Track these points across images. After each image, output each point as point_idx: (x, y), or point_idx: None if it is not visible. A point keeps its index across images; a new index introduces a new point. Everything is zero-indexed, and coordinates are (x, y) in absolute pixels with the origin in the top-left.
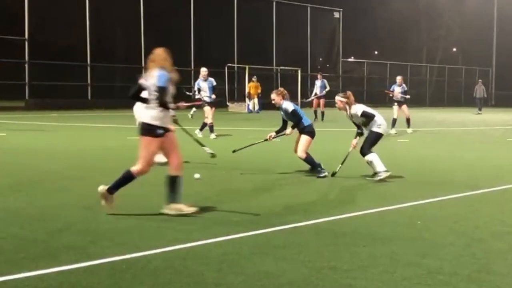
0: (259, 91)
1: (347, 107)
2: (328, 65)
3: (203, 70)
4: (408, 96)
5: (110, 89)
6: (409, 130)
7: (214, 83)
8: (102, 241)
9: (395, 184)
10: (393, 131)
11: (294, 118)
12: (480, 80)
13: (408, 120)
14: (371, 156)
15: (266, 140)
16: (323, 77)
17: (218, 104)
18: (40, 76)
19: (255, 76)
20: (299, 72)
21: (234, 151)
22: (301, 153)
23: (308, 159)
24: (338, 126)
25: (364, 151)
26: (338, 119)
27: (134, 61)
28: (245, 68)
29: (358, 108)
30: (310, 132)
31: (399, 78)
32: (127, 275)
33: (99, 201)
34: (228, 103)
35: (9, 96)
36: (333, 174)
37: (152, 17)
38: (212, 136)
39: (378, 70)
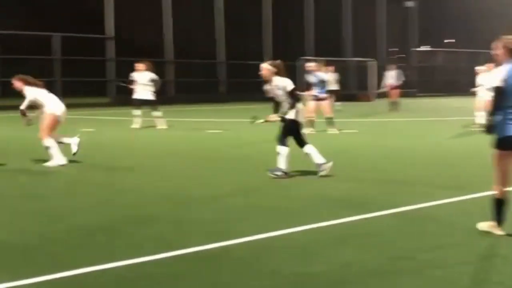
0: None
1: (273, 77)
2: (402, 55)
3: (309, 65)
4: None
5: (191, 84)
6: None
7: (324, 78)
8: (187, 231)
9: (469, 173)
10: None
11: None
12: None
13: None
14: (283, 150)
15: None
16: (398, 67)
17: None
18: (125, 73)
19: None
20: (375, 63)
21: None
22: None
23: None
24: (415, 116)
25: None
26: (414, 109)
27: (213, 57)
28: (318, 60)
29: (288, 83)
30: None
31: (486, 66)
32: (211, 264)
33: (183, 192)
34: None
35: (94, 93)
36: None
37: (230, 10)
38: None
39: (453, 58)
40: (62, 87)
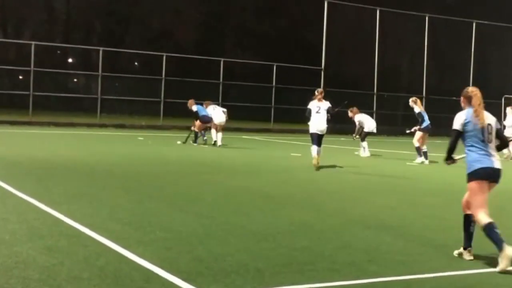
0: None
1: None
2: None
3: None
4: None
5: (394, 117)
6: None
7: (416, 111)
8: (380, 260)
9: None
10: None
11: None
12: None
13: None
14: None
15: None
16: None
17: None
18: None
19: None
20: None
21: None
22: None
23: None
24: None
25: None
26: None
27: (417, 91)
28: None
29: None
30: None
31: None
32: None
33: (382, 222)
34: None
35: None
36: None
37: (435, 47)
38: None
39: None
40: (274, 114)
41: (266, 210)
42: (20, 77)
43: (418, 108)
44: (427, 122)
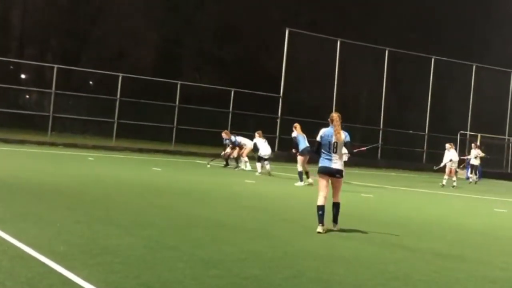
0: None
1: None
2: None
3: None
4: None
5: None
6: None
7: (297, 137)
8: None
9: None
10: None
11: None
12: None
13: None
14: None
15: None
16: None
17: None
18: (289, 131)
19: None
20: None
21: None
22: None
23: None
24: None
25: None
26: None
27: (373, 123)
28: (476, 136)
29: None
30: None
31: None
32: None
33: (333, 252)
34: (457, 169)
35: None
36: None
37: (395, 81)
38: None
39: None
40: None
41: (217, 237)
42: None
43: (296, 132)
44: (303, 145)
